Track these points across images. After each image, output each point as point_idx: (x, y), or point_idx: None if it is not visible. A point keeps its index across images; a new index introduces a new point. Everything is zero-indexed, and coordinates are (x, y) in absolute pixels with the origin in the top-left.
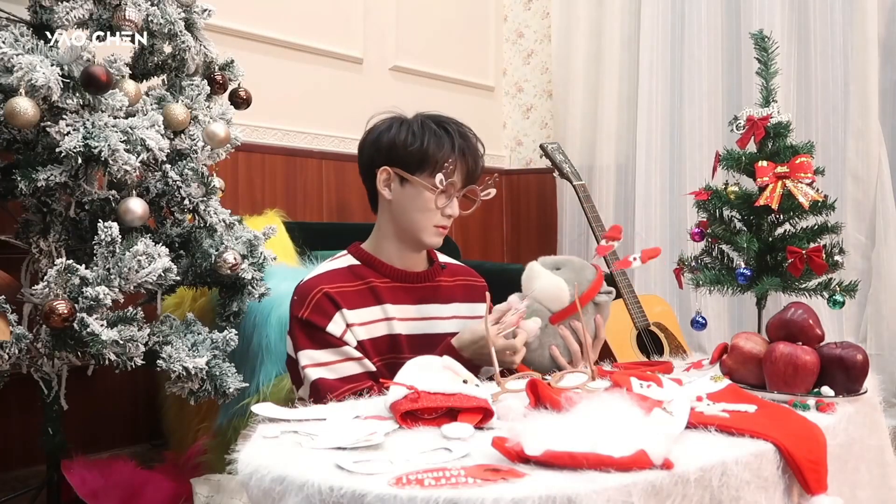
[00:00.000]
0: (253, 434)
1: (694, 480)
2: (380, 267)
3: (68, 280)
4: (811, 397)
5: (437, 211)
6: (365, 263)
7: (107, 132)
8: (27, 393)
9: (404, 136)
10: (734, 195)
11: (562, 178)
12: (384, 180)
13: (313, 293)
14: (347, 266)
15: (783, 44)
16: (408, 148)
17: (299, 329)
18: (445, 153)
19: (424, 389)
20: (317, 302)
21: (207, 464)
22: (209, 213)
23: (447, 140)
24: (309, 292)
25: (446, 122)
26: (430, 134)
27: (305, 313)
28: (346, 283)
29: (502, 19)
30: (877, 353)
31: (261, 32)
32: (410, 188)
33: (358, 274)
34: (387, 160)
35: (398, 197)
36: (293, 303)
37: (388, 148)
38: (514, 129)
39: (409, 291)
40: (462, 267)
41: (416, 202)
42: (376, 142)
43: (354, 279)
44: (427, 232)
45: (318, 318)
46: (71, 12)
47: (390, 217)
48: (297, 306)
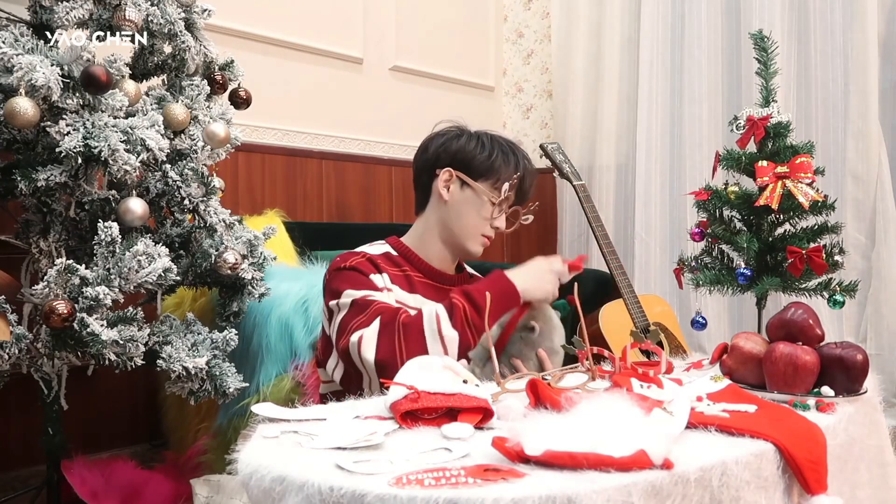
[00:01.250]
0: (253, 434)
1: (694, 480)
2: (416, 262)
3: (68, 280)
4: (811, 397)
5: (487, 221)
6: (402, 255)
7: (107, 132)
8: (27, 393)
9: (474, 144)
10: (734, 195)
11: (562, 178)
12: (445, 180)
13: (358, 256)
14: (385, 252)
15: (783, 44)
16: (477, 155)
17: (341, 278)
18: (511, 169)
19: (424, 389)
20: (361, 261)
21: (207, 464)
22: (209, 213)
23: (513, 158)
24: (353, 256)
25: (512, 143)
26: (498, 148)
27: (350, 263)
28: (386, 265)
29: (502, 19)
30: (877, 353)
31: (261, 32)
32: (470, 193)
33: (395, 262)
34: (451, 162)
35: (456, 199)
36: (334, 262)
37: (457, 150)
38: (514, 129)
39: (440, 291)
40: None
41: (471, 207)
42: (445, 144)
43: (392, 265)
44: (474, 239)
45: (365, 267)
46: (71, 12)
47: (440, 218)
48: (340, 261)
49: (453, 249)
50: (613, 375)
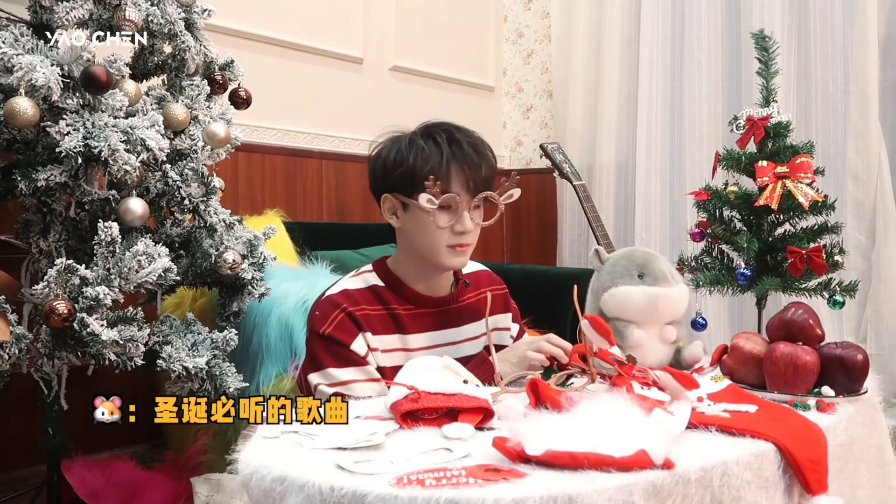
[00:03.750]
0: (253, 434)
1: (695, 480)
2: (404, 292)
3: (68, 280)
4: (811, 397)
5: (445, 230)
6: (389, 286)
7: (107, 132)
8: (27, 393)
9: (393, 156)
10: (734, 195)
11: (562, 178)
12: (389, 209)
13: (336, 312)
14: (370, 286)
15: (783, 44)
16: (397, 170)
17: (321, 345)
18: (432, 167)
19: (425, 389)
20: (340, 321)
21: (207, 464)
22: (209, 213)
23: (434, 152)
24: (332, 310)
25: (436, 132)
26: (416, 150)
27: (328, 329)
28: (369, 306)
29: (502, 19)
30: (877, 353)
31: (261, 32)
32: (412, 213)
33: (381, 297)
34: (385, 187)
35: (405, 223)
36: (314, 318)
37: (383, 174)
38: (514, 129)
39: (433, 317)
40: (484, 274)
41: (420, 227)
42: (373, 169)
43: (376, 302)
44: (441, 254)
45: (342, 335)
46: (71, 12)
47: (405, 245)
48: (319, 322)
49: (433, 269)
50: (613, 379)
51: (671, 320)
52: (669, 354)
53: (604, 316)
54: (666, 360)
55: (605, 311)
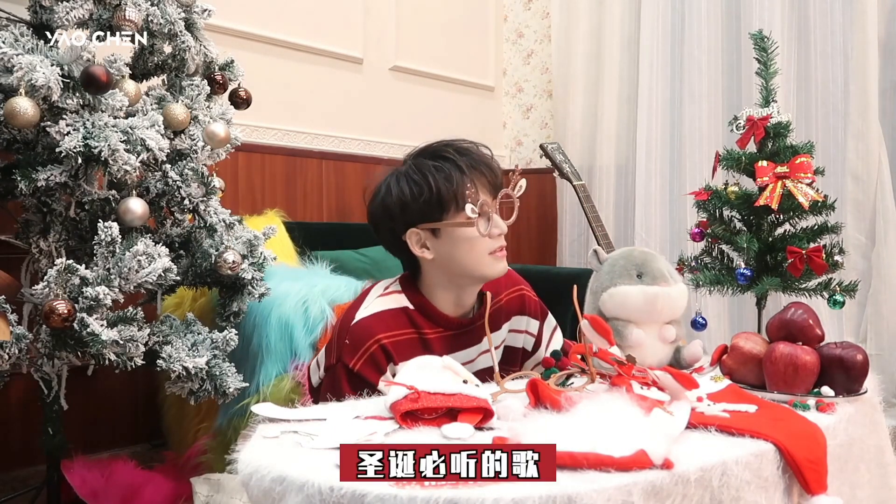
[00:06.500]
0: (253, 434)
1: (694, 480)
2: (436, 317)
3: (68, 280)
4: (811, 397)
5: (483, 238)
6: (419, 309)
7: (107, 132)
8: (27, 393)
9: (408, 190)
10: (734, 195)
11: (562, 178)
12: (416, 242)
13: (369, 343)
14: (402, 308)
15: (783, 44)
16: (420, 200)
17: (346, 377)
18: (459, 181)
19: (424, 389)
20: (371, 354)
21: (207, 464)
22: (209, 213)
23: (452, 168)
24: (364, 340)
25: (440, 150)
26: (431, 173)
27: (358, 365)
28: (400, 331)
29: (502, 19)
30: (877, 353)
31: (261, 32)
32: (446, 236)
33: (412, 320)
34: (407, 223)
35: (439, 250)
36: (344, 346)
37: (402, 210)
38: (514, 129)
39: (458, 337)
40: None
41: (460, 245)
42: (385, 210)
43: (408, 325)
44: (486, 265)
45: (371, 373)
46: (71, 12)
47: (440, 272)
48: (349, 353)
49: (473, 286)
50: (613, 379)
51: (670, 319)
52: (669, 354)
53: (603, 316)
54: (665, 360)
55: (604, 311)
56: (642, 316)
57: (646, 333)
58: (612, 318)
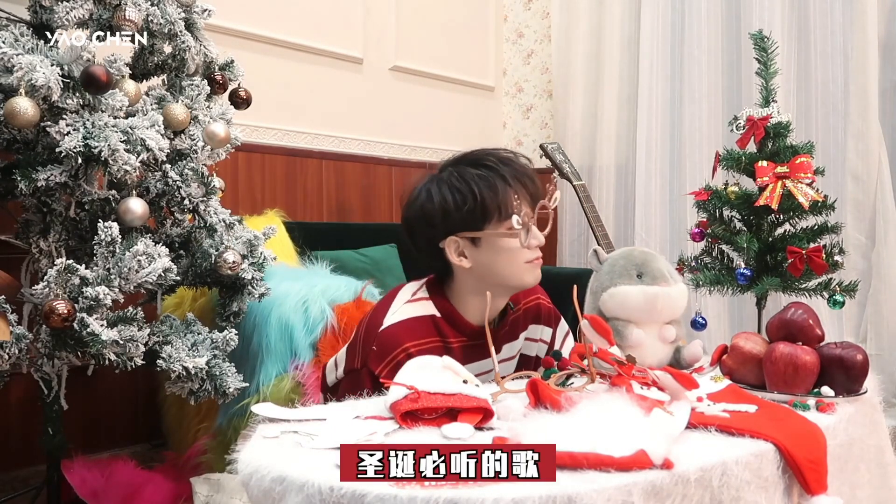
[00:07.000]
0: (253, 434)
1: (694, 480)
2: (461, 326)
3: (68, 280)
4: (811, 397)
5: (523, 249)
6: (446, 318)
7: (107, 132)
8: (27, 393)
9: (451, 198)
10: (734, 195)
11: (562, 178)
12: (455, 251)
13: (396, 352)
14: (430, 316)
15: (783, 44)
16: (463, 209)
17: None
18: (504, 192)
19: (424, 389)
20: (398, 363)
21: (207, 464)
22: (209, 213)
23: (496, 178)
24: (392, 349)
25: (482, 158)
26: (475, 182)
27: (384, 373)
28: (428, 339)
29: (502, 19)
30: (877, 353)
31: (261, 32)
32: (487, 245)
33: (439, 329)
34: (447, 230)
35: (478, 259)
36: (371, 351)
37: (444, 218)
38: (514, 129)
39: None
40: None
41: (500, 255)
42: (424, 217)
43: (434, 334)
44: (524, 274)
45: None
46: (71, 12)
47: (474, 280)
48: (375, 359)
49: (505, 295)
50: (613, 379)
51: (670, 319)
52: (669, 354)
53: (603, 316)
54: (665, 360)
55: (604, 311)
56: (642, 316)
57: (646, 333)
58: (612, 318)
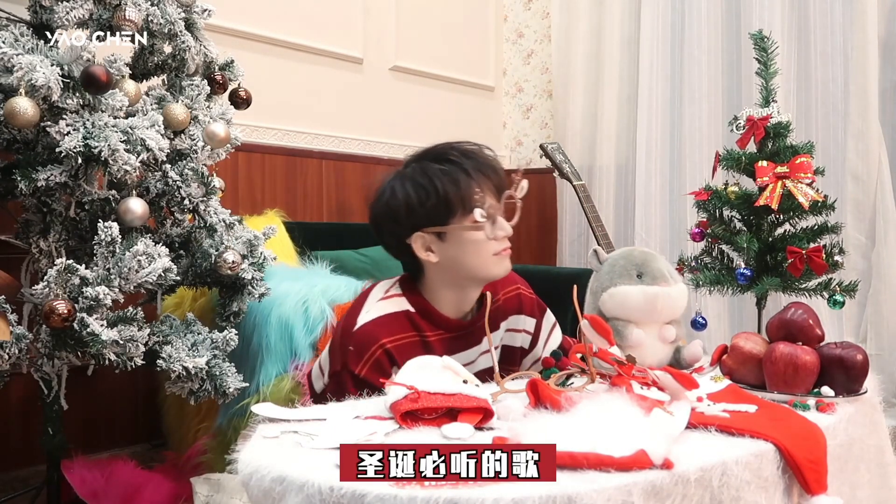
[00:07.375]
0: (253, 434)
1: (694, 480)
2: (437, 319)
3: (68, 280)
4: (811, 397)
5: (489, 241)
6: (420, 313)
7: (107, 132)
8: (27, 393)
9: (414, 194)
10: (734, 195)
11: (562, 178)
12: (422, 246)
13: (373, 349)
14: (404, 311)
15: (783, 44)
16: (427, 204)
17: (352, 383)
18: (467, 185)
19: (424, 389)
20: (376, 360)
21: (207, 464)
22: (209, 213)
23: (458, 171)
24: (368, 346)
25: (445, 153)
26: (437, 177)
27: (363, 371)
28: (403, 334)
29: (502, 19)
30: (877, 353)
31: (261, 32)
32: (453, 239)
33: (414, 323)
34: (412, 226)
35: (444, 253)
36: (348, 353)
37: (408, 214)
38: (514, 129)
39: (459, 339)
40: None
41: (466, 248)
42: (389, 213)
43: (410, 329)
44: (491, 265)
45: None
46: (71, 12)
47: (442, 275)
48: (354, 359)
49: (477, 287)
50: (613, 379)
51: (670, 319)
52: (669, 354)
53: (603, 316)
54: (665, 360)
55: (604, 311)
56: (642, 316)
57: (646, 333)
58: (612, 318)
